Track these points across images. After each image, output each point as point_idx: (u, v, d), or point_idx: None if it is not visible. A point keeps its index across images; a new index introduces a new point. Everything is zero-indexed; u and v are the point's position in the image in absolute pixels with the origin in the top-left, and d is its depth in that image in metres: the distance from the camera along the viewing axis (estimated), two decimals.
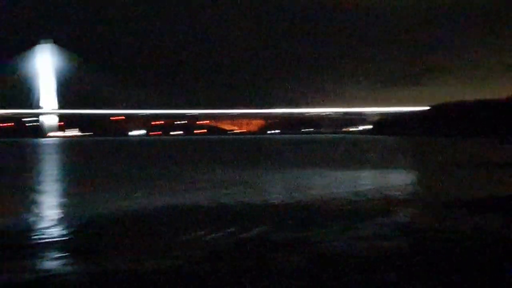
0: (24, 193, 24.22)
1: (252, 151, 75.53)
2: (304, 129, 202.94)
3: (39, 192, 25.57)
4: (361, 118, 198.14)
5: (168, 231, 14.64)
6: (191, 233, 14.21)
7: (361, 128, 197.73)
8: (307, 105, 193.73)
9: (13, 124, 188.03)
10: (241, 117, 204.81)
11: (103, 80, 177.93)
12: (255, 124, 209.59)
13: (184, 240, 13.52)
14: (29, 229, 15.49)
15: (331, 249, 12.20)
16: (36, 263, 11.52)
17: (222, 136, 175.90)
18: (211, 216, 17.06)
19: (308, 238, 13.34)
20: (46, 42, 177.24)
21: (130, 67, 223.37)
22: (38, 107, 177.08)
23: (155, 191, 24.44)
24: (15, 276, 10.36)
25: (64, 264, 11.39)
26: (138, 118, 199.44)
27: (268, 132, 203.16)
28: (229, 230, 14.46)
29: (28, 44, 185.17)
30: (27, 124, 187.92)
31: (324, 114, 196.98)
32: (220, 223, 15.58)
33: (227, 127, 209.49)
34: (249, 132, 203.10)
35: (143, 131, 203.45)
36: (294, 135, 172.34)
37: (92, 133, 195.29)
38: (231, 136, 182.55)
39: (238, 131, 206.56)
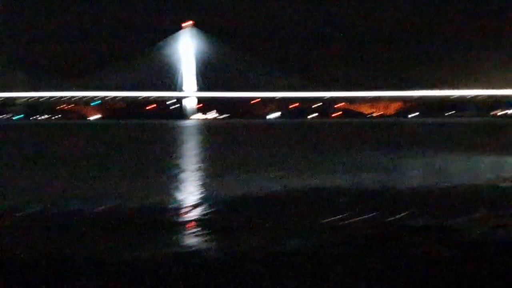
0: (170, 174, 25.29)
1: (393, 135, 73.94)
2: (447, 112, 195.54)
3: (186, 171, 26.53)
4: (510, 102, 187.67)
5: (309, 214, 14.66)
6: (330, 216, 14.11)
7: (511, 112, 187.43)
8: (449, 87, 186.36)
9: (155, 106, 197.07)
10: (379, 100, 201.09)
11: (242, 63, 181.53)
12: (393, 107, 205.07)
13: (323, 223, 13.45)
14: (172, 207, 16.14)
15: (474, 237, 11.66)
16: (179, 239, 11.99)
17: (360, 120, 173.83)
18: (350, 200, 16.88)
19: (450, 225, 12.84)
20: (188, 26, 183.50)
21: (268, 50, 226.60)
22: (181, 90, 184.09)
23: (297, 173, 24.62)
24: (159, 251, 10.79)
25: (204, 241, 11.72)
26: (274, 101, 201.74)
27: (409, 116, 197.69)
28: (368, 215, 14.21)
29: (171, 28, 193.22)
30: (171, 107, 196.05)
31: (469, 96, 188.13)
32: (359, 207, 15.36)
33: (365, 110, 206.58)
34: (387, 115, 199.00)
35: (278, 114, 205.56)
36: (436, 119, 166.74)
37: (229, 116, 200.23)
38: (369, 120, 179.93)
39: (376, 114, 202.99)
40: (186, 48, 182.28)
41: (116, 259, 10.17)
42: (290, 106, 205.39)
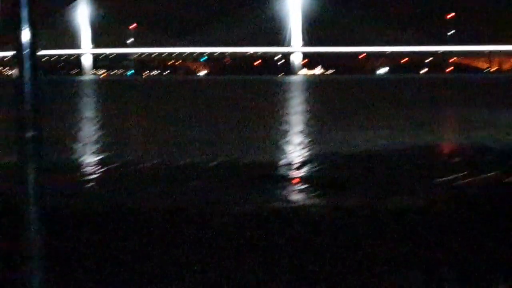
0: (279, 130, 25.55)
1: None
2: None
3: (294, 128, 26.70)
4: None
5: (420, 172, 14.38)
6: (444, 174, 13.76)
7: None
8: None
9: (260, 61, 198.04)
10: (494, 55, 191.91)
11: (350, 17, 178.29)
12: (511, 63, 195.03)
13: (435, 181, 13.16)
14: (280, 162, 16.36)
15: None
16: (284, 194, 12.15)
17: (475, 75, 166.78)
18: (468, 159, 16.39)
19: None
20: None
21: (378, 3, 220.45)
22: (288, 45, 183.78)
23: (407, 130, 24.19)
24: (265, 205, 10.97)
25: (309, 197, 11.81)
26: (383, 56, 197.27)
27: None
28: (486, 174, 13.71)
29: None
30: (278, 63, 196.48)
31: None
32: (478, 166, 14.81)
33: (480, 65, 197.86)
34: (505, 71, 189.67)
35: (386, 69, 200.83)
36: None
37: (334, 71, 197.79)
38: (484, 75, 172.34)
39: (492, 69, 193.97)
40: (293, 3, 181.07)
41: (224, 211, 10.44)
42: (401, 61, 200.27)
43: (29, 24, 2.21)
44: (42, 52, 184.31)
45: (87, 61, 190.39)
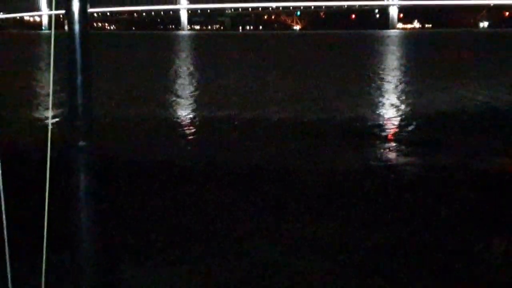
0: (374, 86, 25.66)
1: None
2: None
3: (390, 85, 26.69)
4: None
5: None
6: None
7: None
8: None
9: (356, 15, 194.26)
10: None
11: None
12: None
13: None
14: (371, 120, 16.67)
15: None
16: (379, 152, 12.53)
17: None
18: None
19: None
20: None
21: None
22: None
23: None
24: (354, 164, 11.33)
25: (401, 156, 12.13)
26: (485, 9, 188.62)
27: None
28: None
29: None
30: (377, 16, 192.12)
31: None
32: None
33: None
34: None
35: (486, 23, 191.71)
36: None
37: (432, 26, 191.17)
38: None
39: None
40: None
41: (311, 168, 10.79)
42: (505, 14, 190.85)
43: None
44: (140, 8, 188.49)
45: (183, 17, 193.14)
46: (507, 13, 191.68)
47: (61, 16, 2.42)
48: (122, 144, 13.42)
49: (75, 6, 2.20)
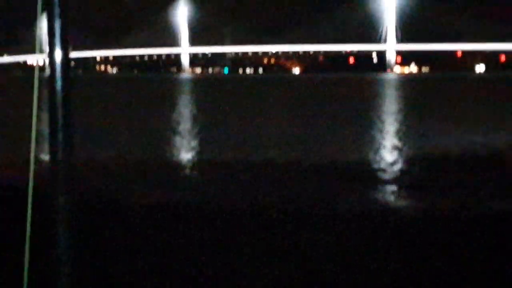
0: (368, 128, 26.03)
1: None
2: None
3: (389, 127, 26.99)
4: None
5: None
6: None
7: None
8: None
9: (354, 59, 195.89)
10: None
11: (445, 13, 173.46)
12: None
13: None
14: (372, 163, 17.13)
15: None
16: (377, 195, 12.95)
17: None
18: None
19: None
20: None
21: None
22: (383, 42, 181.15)
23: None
24: (362, 206, 11.58)
25: (399, 198, 12.59)
26: (481, 53, 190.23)
27: None
28: None
29: None
30: (375, 59, 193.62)
31: None
32: None
33: None
34: None
35: (483, 67, 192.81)
36: None
37: (430, 69, 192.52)
38: None
39: None
40: (388, 0, 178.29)
41: (316, 211, 10.92)
42: (500, 59, 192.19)
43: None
44: (142, 51, 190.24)
45: (185, 60, 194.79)
46: (503, 58, 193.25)
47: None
48: (120, 185, 13.42)
49: (57, 52, 2.17)
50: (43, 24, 2.18)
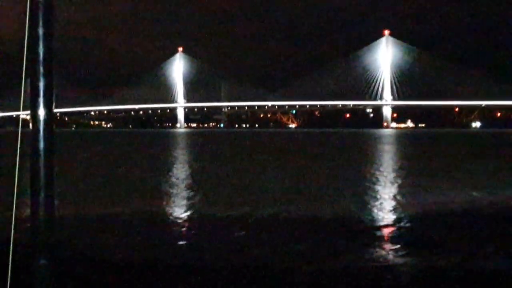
0: (367, 183, 25.52)
1: None
2: None
3: (383, 182, 26.53)
4: None
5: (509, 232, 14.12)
6: None
7: None
8: None
9: (350, 114, 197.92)
10: None
11: (440, 70, 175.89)
12: None
13: None
14: (367, 217, 16.34)
15: None
16: (374, 252, 12.12)
17: None
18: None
19: None
20: (383, 35, 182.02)
21: (472, 56, 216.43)
22: (379, 98, 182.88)
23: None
24: (355, 263, 10.97)
25: (397, 256, 11.75)
26: (477, 109, 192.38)
27: None
28: None
29: (368, 38, 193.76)
30: (371, 115, 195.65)
31: None
32: None
33: None
34: None
35: (478, 124, 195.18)
36: None
37: (424, 125, 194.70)
38: None
39: None
40: (384, 57, 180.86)
41: (311, 268, 10.51)
42: (497, 115, 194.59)
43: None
44: (137, 106, 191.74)
45: (180, 115, 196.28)
46: (498, 114, 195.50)
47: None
48: (104, 242, 12.96)
49: (41, 110, 2.15)
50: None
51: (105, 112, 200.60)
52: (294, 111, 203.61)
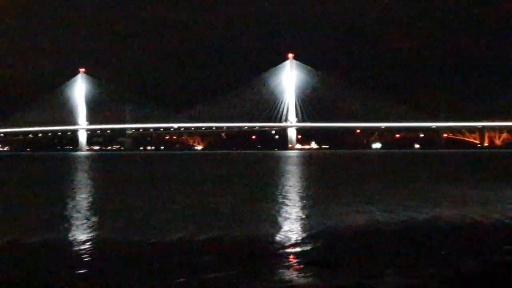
0: (274, 203, 25.36)
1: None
2: None
3: (291, 202, 26.43)
4: None
5: (412, 249, 14.22)
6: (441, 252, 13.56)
7: None
8: None
9: (256, 136, 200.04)
10: (485, 130, 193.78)
11: (342, 93, 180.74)
12: (501, 138, 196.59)
13: (431, 259, 13.00)
14: (274, 238, 16.13)
15: None
16: (278, 273, 11.88)
17: (471, 150, 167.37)
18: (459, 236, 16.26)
19: None
20: (289, 58, 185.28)
21: (371, 80, 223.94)
22: (284, 120, 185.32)
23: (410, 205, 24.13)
24: (259, 284, 10.82)
25: (302, 276, 11.59)
26: (377, 131, 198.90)
27: None
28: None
29: (273, 60, 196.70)
30: (276, 137, 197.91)
31: None
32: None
33: (470, 140, 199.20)
34: (495, 147, 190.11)
35: (378, 145, 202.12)
36: None
37: (328, 147, 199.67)
38: (478, 150, 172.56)
39: (483, 145, 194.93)
40: (288, 79, 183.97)
41: None
42: (396, 136, 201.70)
43: None
44: (35, 129, 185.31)
45: (82, 137, 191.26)
46: (397, 135, 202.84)
47: None
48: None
49: None
50: None
51: (2, 135, 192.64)
52: (200, 133, 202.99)
